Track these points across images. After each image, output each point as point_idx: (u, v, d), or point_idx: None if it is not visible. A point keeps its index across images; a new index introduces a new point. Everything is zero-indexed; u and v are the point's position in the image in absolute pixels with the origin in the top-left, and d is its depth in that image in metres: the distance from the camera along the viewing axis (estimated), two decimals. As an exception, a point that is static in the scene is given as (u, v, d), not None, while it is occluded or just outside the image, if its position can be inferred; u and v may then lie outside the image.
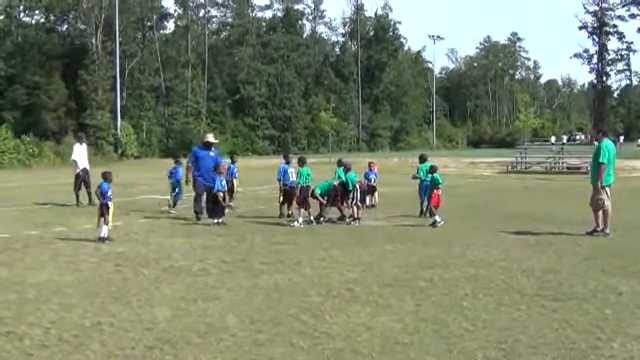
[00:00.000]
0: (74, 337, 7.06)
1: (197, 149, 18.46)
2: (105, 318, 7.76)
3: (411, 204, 19.28)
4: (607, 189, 14.33)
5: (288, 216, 17.67)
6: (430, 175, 17.19)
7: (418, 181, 18.59)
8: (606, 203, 14.14)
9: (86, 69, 72.75)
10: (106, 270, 10.70)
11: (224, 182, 16.95)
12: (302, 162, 17.34)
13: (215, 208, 16.57)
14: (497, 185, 30.87)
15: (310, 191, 16.82)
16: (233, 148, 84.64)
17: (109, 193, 14.06)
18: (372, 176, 20.91)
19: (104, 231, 13.59)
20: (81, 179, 21.55)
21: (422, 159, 18.75)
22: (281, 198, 18.06)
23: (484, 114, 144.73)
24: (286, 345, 6.75)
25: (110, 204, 13.87)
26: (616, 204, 14.66)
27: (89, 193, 20.61)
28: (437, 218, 16.00)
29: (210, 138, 18.67)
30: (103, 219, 13.64)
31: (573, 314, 7.84)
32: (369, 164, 21.51)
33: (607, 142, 14.52)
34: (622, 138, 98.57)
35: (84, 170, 21.74)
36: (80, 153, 22.34)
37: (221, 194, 16.58)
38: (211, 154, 17.98)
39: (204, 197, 17.34)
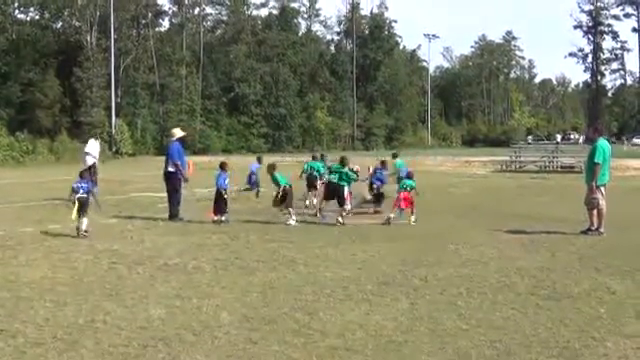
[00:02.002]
0: (68, 335, 7.05)
1: (178, 145, 17.80)
2: (99, 316, 7.75)
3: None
4: (602, 188, 14.34)
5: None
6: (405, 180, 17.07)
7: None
8: (601, 202, 14.16)
9: (81, 66, 72.59)
10: (100, 268, 10.69)
11: (228, 180, 16.87)
12: (272, 168, 17.10)
13: (219, 205, 16.51)
14: (491, 184, 30.88)
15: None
16: (228, 146, 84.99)
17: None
18: (377, 183, 19.43)
19: (85, 224, 14.00)
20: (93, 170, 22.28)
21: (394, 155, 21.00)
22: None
23: (479, 113, 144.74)
24: (280, 343, 6.75)
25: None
26: (610, 203, 14.67)
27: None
28: (392, 215, 16.21)
29: (182, 132, 18.56)
30: (81, 213, 14.05)
31: (567, 313, 7.85)
32: (382, 162, 20.51)
33: (602, 141, 14.53)
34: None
35: (94, 165, 23.28)
36: (94, 148, 24.05)
37: (224, 191, 16.52)
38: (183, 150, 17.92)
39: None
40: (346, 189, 16.40)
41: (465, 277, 9.83)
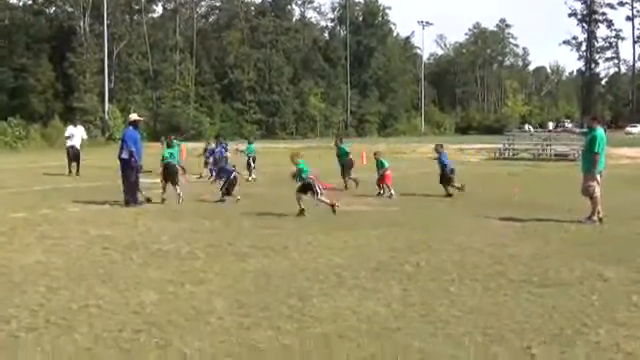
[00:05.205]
0: (61, 319, 7.05)
1: (133, 131, 17.50)
2: (92, 301, 7.75)
3: (400, 189, 19.42)
4: (597, 176, 14.30)
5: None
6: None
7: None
8: (596, 190, 14.13)
9: (74, 52, 72.42)
10: (94, 253, 10.68)
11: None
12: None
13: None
14: (484, 171, 30.93)
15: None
16: (221, 132, 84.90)
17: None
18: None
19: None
20: (70, 154, 27.15)
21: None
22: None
23: (472, 100, 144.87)
24: (273, 329, 6.76)
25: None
26: (604, 191, 14.67)
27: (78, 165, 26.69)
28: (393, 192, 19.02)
29: (137, 117, 18.46)
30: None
31: (559, 300, 7.87)
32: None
33: (600, 131, 14.45)
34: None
35: (72, 147, 27.28)
36: (71, 132, 28.13)
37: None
38: (139, 135, 17.73)
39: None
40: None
41: (457, 264, 9.85)
